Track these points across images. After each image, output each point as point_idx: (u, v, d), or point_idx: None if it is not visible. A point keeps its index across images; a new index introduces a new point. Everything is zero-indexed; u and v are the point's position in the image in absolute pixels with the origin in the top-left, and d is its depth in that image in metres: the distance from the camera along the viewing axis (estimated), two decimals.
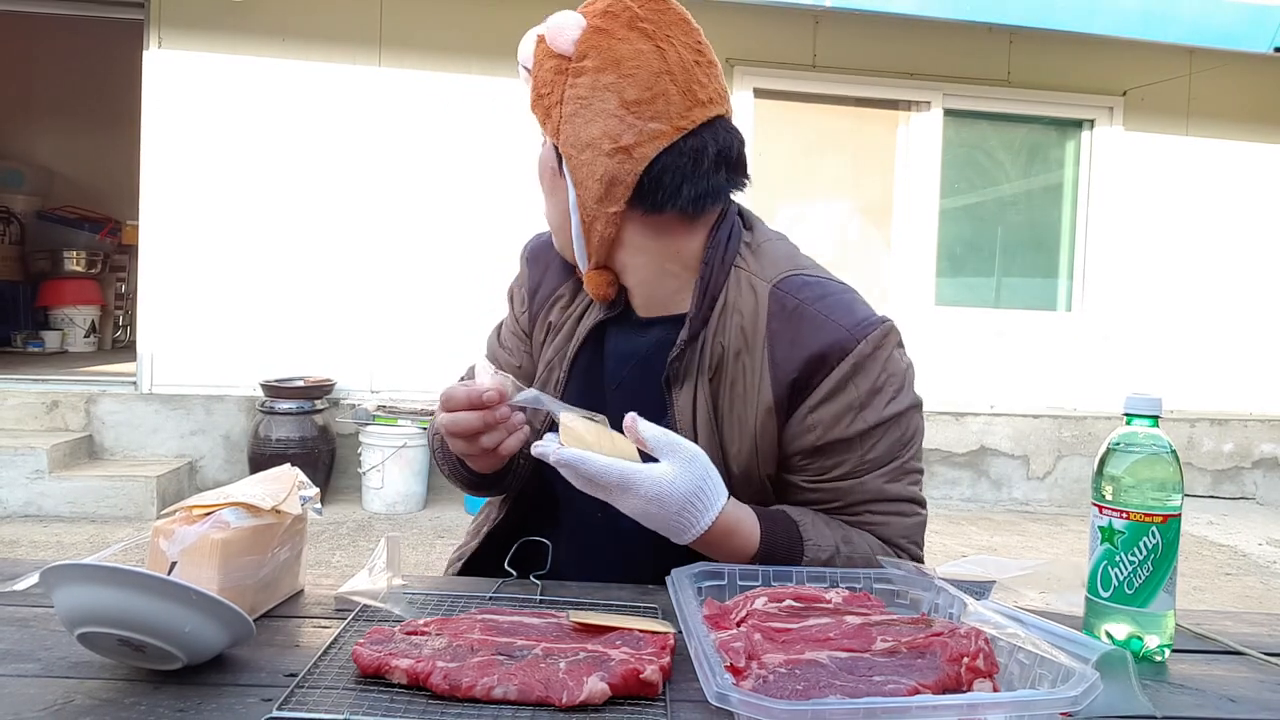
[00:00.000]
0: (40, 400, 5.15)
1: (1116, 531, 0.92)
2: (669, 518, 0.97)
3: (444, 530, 4.70)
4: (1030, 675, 0.76)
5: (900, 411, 1.10)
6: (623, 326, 1.21)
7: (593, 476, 0.94)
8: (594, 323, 1.21)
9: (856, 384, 1.08)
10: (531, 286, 1.31)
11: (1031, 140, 6.26)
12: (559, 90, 1.10)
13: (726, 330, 1.12)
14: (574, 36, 1.09)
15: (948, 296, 6.01)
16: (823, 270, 1.17)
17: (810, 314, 1.09)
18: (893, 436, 1.10)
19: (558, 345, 1.24)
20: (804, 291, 1.11)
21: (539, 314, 1.29)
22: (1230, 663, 0.95)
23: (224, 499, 0.95)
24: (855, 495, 1.10)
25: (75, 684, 0.77)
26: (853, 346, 1.07)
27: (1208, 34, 5.48)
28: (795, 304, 1.10)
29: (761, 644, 0.81)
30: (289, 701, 0.74)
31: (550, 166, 1.16)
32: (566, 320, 1.25)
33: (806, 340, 1.08)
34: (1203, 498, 6.10)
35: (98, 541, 4.21)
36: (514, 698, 0.75)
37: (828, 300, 1.11)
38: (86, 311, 7.36)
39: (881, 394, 1.08)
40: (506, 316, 1.38)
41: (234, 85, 5.25)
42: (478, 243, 5.40)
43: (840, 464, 1.10)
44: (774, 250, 1.17)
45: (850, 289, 1.15)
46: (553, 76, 1.11)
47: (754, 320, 1.11)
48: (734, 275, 1.13)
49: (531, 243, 1.37)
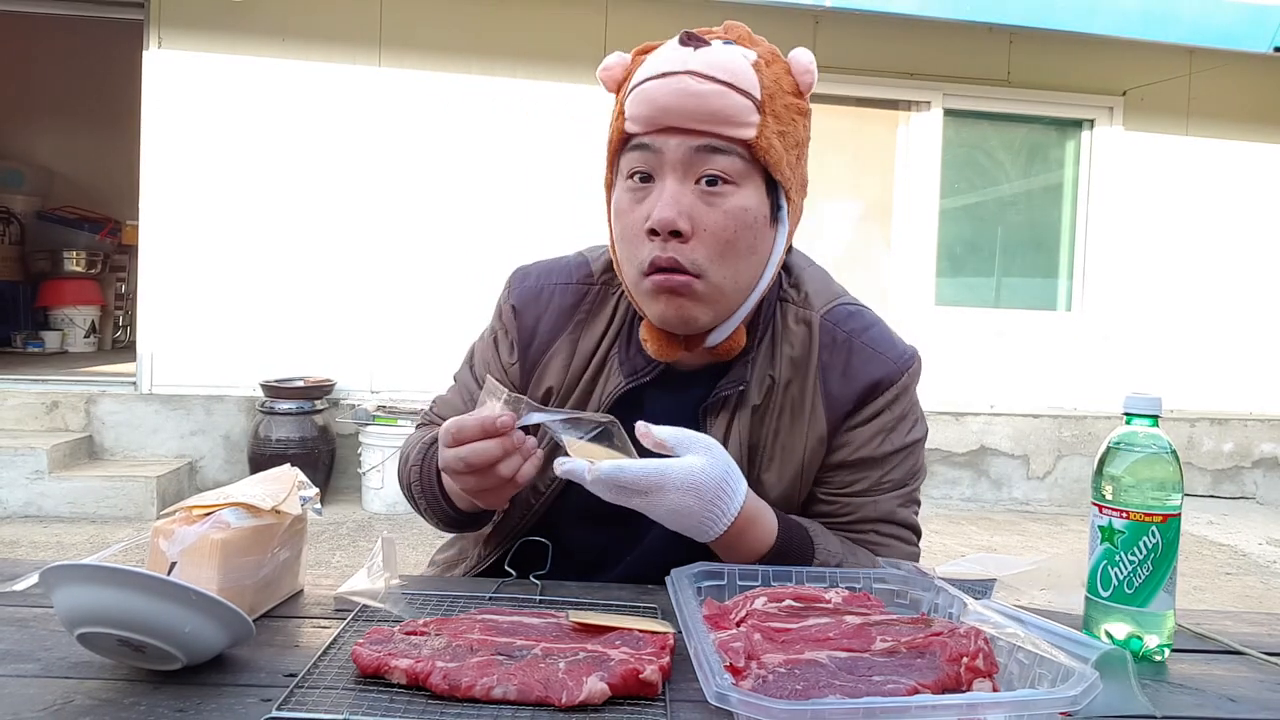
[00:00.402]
0: (40, 400, 5.15)
1: (1116, 531, 0.92)
2: (703, 508, 0.94)
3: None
4: (1030, 675, 0.76)
5: (918, 439, 1.16)
6: (662, 385, 1.13)
7: (631, 483, 0.91)
8: (620, 390, 1.12)
9: (892, 409, 1.13)
10: (524, 339, 1.19)
11: (1031, 140, 6.25)
12: (798, 130, 1.06)
13: (777, 362, 1.13)
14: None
15: (948, 296, 6.01)
16: (854, 297, 1.21)
17: (858, 346, 1.14)
18: (909, 463, 1.15)
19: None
20: (850, 323, 1.15)
21: (534, 370, 1.19)
22: (1230, 662, 0.95)
23: (224, 499, 0.95)
24: (866, 512, 1.13)
25: (75, 684, 0.77)
26: (898, 379, 1.13)
27: (1208, 34, 5.48)
28: (844, 336, 1.14)
29: (761, 644, 0.81)
30: (289, 702, 0.74)
31: (764, 216, 1.04)
32: (574, 386, 1.16)
33: (858, 373, 1.13)
34: (1203, 497, 6.09)
35: (98, 542, 4.21)
36: (513, 698, 0.75)
37: (871, 332, 1.16)
38: (86, 312, 7.36)
39: (906, 421, 1.14)
40: (485, 352, 1.26)
41: (234, 85, 5.24)
42: (477, 243, 5.40)
43: (860, 480, 1.13)
44: (813, 279, 1.19)
45: (880, 318, 1.20)
46: (794, 114, 1.04)
47: (805, 352, 1.13)
48: (779, 306, 1.16)
49: (517, 286, 1.23)
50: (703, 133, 0.99)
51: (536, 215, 5.42)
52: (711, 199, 1.00)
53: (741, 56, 1.00)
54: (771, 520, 1.04)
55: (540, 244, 5.65)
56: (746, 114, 0.98)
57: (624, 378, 1.12)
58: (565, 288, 1.20)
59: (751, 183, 1.01)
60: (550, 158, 5.44)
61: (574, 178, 5.32)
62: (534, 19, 5.44)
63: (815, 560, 1.06)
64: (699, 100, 0.97)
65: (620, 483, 0.91)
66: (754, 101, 0.98)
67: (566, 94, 5.44)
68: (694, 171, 1.00)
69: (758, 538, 1.02)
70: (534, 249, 5.19)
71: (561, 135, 5.43)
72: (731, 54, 0.99)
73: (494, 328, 1.25)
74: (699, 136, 0.99)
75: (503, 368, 1.22)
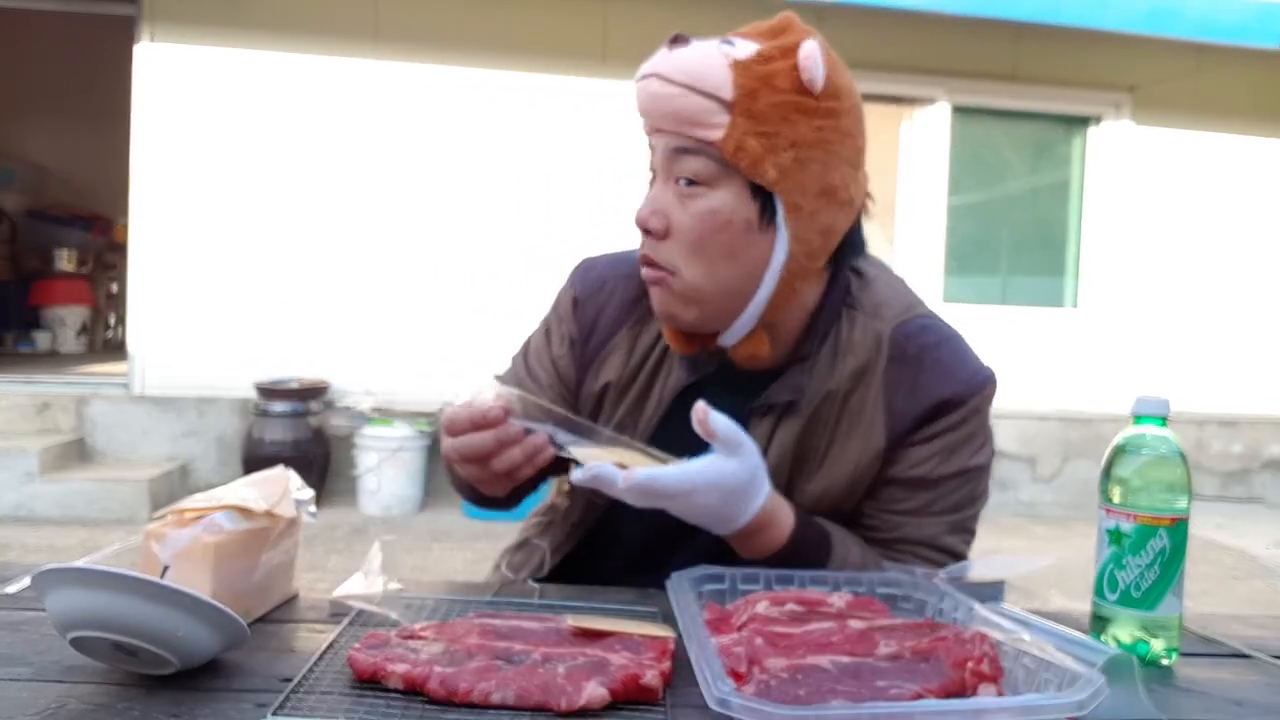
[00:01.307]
0: (31, 402, 5.12)
1: (1124, 534, 0.91)
2: (722, 506, 0.95)
3: (441, 534, 4.68)
4: (1035, 680, 0.75)
5: (980, 465, 1.12)
6: (721, 384, 1.10)
7: (665, 490, 0.91)
8: (680, 385, 1.12)
9: (957, 431, 1.09)
10: (582, 332, 1.19)
11: (1038, 136, 6.24)
12: (794, 130, 0.97)
13: (837, 372, 1.09)
14: (824, 72, 0.97)
15: (955, 293, 5.99)
16: (932, 310, 1.16)
17: (929, 363, 1.09)
18: (965, 490, 1.11)
19: (629, 408, 1.15)
20: (923, 337, 1.11)
21: (591, 364, 1.18)
22: (1238, 666, 0.94)
23: (217, 502, 0.94)
24: (909, 532, 1.10)
25: (68, 689, 0.76)
26: (968, 399, 1.09)
27: (1216, 29, 5.46)
28: (916, 351, 1.10)
29: (763, 649, 0.80)
30: (284, 706, 0.73)
31: (745, 219, 1.00)
32: (634, 379, 1.15)
33: (926, 390, 1.08)
34: (1211, 500, 6.06)
35: (90, 545, 4.20)
36: (512, 703, 0.74)
37: (945, 348, 1.11)
38: (78, 311, 7.33)
39: (970, 444, 1.10)
40: (537, 342, 1.25)
41: (226, 80, 5.21)
42: (475, 242, 5.38)
43: (910, 499, 1.10)
44: (885, 288, 1.15)
45: (959, 333, 1.14)
46: (786, 114, 0.96)
47: (870, 364, 1.09)
48: (845, 315, 1.11)
49: (580, 277, 1.23)
50: (676, 134, 0.99)
51: (535, 213, 5.40)
52: (685, 200, 1.00)
53: (720, 55, 0.97)
54: (788, 520, 1.03)
55: (538, 242, 5.66)
56: (709, 115, 0.96)
57: (686, 372, 1.12)
58: (629, 280, 1.17)
59: (728, 185, 0.99)
60: (549, 153, 5.42)
61: (573, 174, 5.30)
62: (532, 11, 5.41)
63: (830, 565, 1.04)
64: (660, 103, 0.98)
65: (655, 490, 0.91)
66: (720, 102, 0.95)
67: (564, 87, 5.42)
68: (674, 171, 1.00)
69: (772, 536, 1.02)
70: (532, 247, 5.21)
71: (560, 130, 5.41)
72: (703, 53, 0.97)
73: (548, 319, 1.25)
74: (674, 137, 0.99)
75: (551, 359, 1.21)
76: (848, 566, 1.05)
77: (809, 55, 0.96)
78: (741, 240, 1.00)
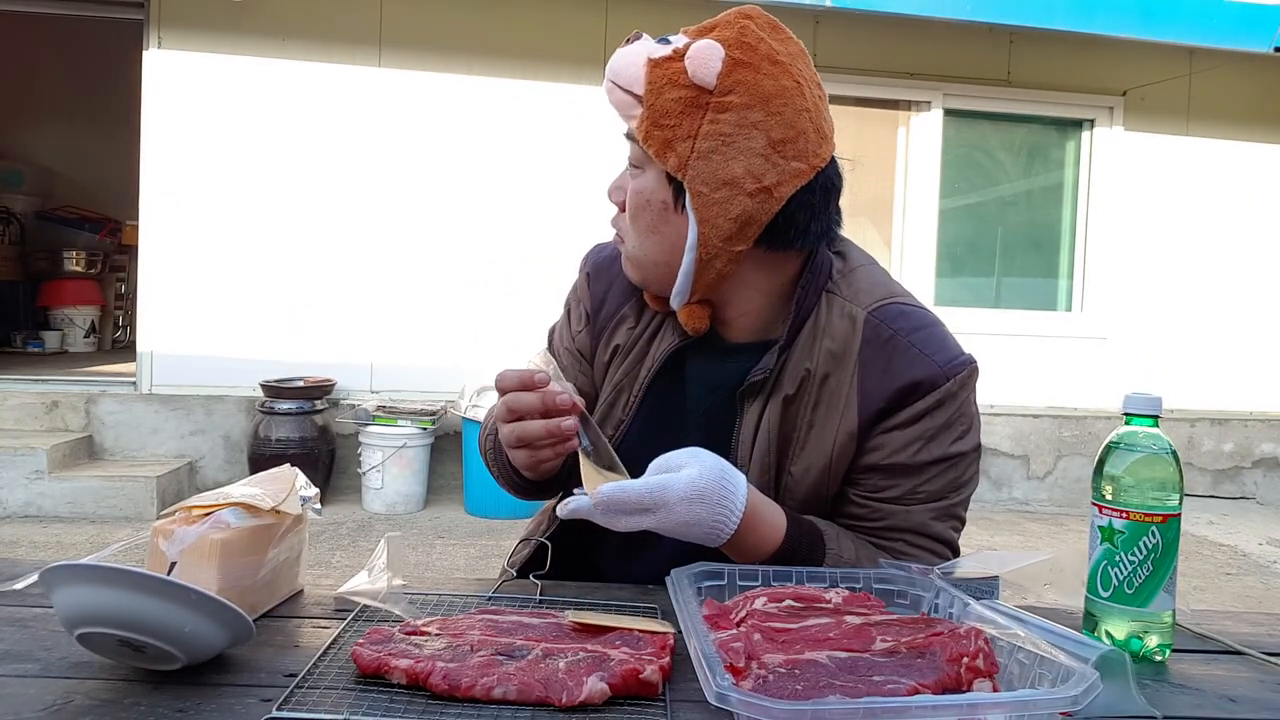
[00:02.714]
0: (40, 400, 5.15)
1: (1116, 531, 0.92)
2: (711, 513, 0.96)
3: (444, 531, 4.70)
4: (1030, 675, 0.76)
5: (963, 452, 1.12)
6: (706, 353, 1.18)
7: (636, 501, 0.94)
8: (672, 348, 1.18)
9: (934, 416, 1.10)
10: (594, 305, 1.28)
11: (1031, 140, 6.25)
12: (692, 124, 1.04)
13: (815, 353, 1.12)
14: (718, 69, 1.03)
15: (947, 296, 6.01)
16: (915, 299, 1.18)
17: (903, 345, 1.11)
18: (949, 476, 1.12)
19: (627, 368, 1.22)
20: (899, 322, 1.12)
21: (603, 333, 1.26)
22: (1230, 663, 0.95)
23: (223, 499, 0.95)
24: (897, 521, 1.11)
25: (75, 684, 0.77)
26: (942, 383, 1.09)
27: (1208, 33, 5.48)
28: (890, 334, 1.11)
29: (761, 644, 0.80)
30: (289, 702, 0.74)
31: (661, 200, 1.09)
32: (635, 343, 1.23)
33: (898, 371, 1.10)
34: (1203, 497, 6.09)
35: (97, 542, 4.21)
36: (513, 698, 0.75)
37: (921, 333, 1.12)
38: (86, 311, 7.36)
39: (951, 430, 1.11)
40: (560, 325, 1.35)
41: (234, 85, 5.24)
42: (477, 243, 5.40)
43: (894, 487, 1.11)
44: (868, 276, 1.17)
45: (939, 321, 1.16)
46: (684, 109, 1.04)
47: (846, 346, 1.12)
48: (824, 299, 1.14)
49: (592, 256, 1.32)
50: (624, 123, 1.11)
51: (536, 215, 5.43)
52: (631, 180, 1.12)
53: (643, 54, 1.07)
54: (779, 518, 1.05)
55: (539, 244, 5.67)
56: (630, 109, 1.08)
57: (677, 338, 1.18)
58: None
59: (651, 170, 1.09)
60: (550, 158, 5.44)
61: (574, 178, 5.31)
62: (534, 19, 5.44)
63: (826, 562, 1.05)
64: (608, 95, 1.10)
65: (625, 503, 0.94)
66: (635, 97, 1.07)
67: (566, 94, 5.44)
68: (628, 155, 1.13)
69: (765, 535, 1.03)
70: (533, 249, 5.22)
71: (561, 135, 5.43)
72: (635, 52, 1.08)
73: (568, 301, 1.35)
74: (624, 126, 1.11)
75: (571, 336, 1.31)
76: (843, 562, 1.06)
77: (695, 54, 1.03)
78: (659, 219, 1.10)
